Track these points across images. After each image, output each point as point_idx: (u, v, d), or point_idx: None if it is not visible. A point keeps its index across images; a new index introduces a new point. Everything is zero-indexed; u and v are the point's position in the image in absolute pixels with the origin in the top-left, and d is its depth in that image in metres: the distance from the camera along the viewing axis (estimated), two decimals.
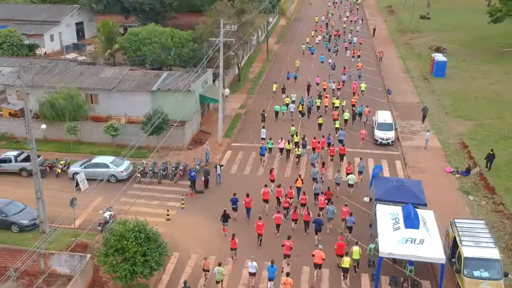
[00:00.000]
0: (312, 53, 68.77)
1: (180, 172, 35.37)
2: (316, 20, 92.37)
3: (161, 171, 35.27)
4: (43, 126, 28.27)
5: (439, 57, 57.84)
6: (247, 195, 30.24)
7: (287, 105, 47.24)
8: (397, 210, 26.64)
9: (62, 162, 36.31)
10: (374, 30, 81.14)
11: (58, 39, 69.70)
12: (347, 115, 45.05)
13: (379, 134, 41.07)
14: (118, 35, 60.13)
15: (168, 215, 30.70)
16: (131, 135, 40.32)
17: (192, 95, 42.40)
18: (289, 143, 38.53)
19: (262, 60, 66.90)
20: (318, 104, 47.76)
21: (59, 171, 35.87)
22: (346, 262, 24.91)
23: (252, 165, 38.09)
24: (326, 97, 48.98)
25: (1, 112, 45.70)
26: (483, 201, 32.45)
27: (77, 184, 33.94)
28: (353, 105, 47.59)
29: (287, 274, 23.92)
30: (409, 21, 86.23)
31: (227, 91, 45.17)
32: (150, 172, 35.06)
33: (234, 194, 30.60)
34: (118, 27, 60.26)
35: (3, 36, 59.35)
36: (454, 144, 40.62)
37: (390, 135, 40.94)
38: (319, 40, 75.66)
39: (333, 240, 27.39)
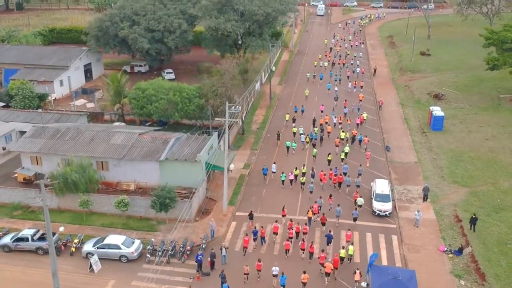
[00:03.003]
0: (320, 79, 76.33)
1: (187, 252, 37.42)
2: (326, 43, 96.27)
3: (170, 251, 37.25)
4: (61, 228, 30.13)
5: (437, 111, 59.58)
6: (262, 227, 39.57)
7: (294, 134, 56.78)
8: None
9: (76, 241, 38.22)
10: (375, 70, 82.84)
11: (67, 84, 71.78)
12: (347, 148, 51.97)
13: (377, 206, 42.81)
14: (127, 80, 62.42)
15: None
16: (141, 207, 42.52)
17: (198, 164, 44.36)
18: (296, 170, 47.27)
19: (265, 106, 68.65)
20: (316, 131, 56.69)
21: (74, 249, 37.80)
22: (350, 249, 36.33)
23: (256, 240, 40.00)
24: (329, 125, 58.23)
25: (16, 175, 47.77)
26: (474, 287, 34.34)
27: (91, 265, 36.00)
28: (354, 135, 56.22)
29: (304, 272, 33.31)
30: (409, 58, 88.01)
31: (232, 166, 47.11)
32: (159, 252, 37.01)
33: (255, 228, 39.44)
34: (126, 78, 62.27)
35: (15, 88, 61.39)
36: (448, 216, 42.44)
37: (388, 207, 42.69)
38: (325, 66, 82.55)
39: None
